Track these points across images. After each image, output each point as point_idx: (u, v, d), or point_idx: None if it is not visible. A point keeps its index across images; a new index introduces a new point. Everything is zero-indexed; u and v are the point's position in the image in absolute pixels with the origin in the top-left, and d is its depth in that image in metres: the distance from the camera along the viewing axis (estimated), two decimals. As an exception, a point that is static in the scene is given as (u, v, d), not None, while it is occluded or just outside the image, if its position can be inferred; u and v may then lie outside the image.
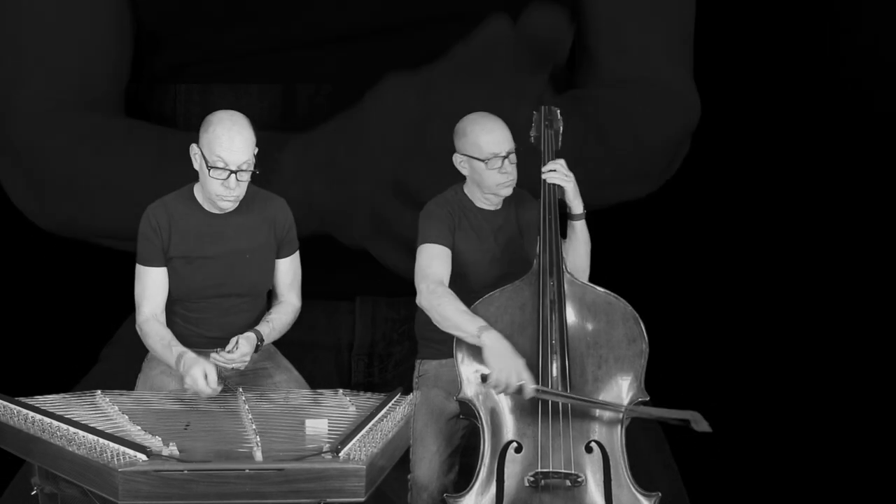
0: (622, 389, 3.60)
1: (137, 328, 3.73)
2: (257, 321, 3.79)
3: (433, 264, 3.73)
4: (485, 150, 3.75)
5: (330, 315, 4.96)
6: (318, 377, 3.76)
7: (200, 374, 3.51)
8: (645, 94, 4.91)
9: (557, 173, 3.71)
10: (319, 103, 4.86)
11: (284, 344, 3.88)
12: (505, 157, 3.75)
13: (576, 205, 3.74)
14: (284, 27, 4.82)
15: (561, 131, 3.85)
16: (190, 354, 3.57)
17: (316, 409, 3.44)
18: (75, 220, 4.80)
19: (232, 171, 3.62)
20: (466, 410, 3.63)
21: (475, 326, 3.57)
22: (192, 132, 3.74)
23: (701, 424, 3.53)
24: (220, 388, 3.54)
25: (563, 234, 3.79)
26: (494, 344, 3.54)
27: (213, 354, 3.61)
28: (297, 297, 3.88)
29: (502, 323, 3.63)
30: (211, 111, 3.71)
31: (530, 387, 3.52)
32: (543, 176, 3.73)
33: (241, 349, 3.62)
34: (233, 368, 3.64)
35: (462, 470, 3.76)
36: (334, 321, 4.97)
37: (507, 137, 3.78)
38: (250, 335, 3.67)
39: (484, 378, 3.55)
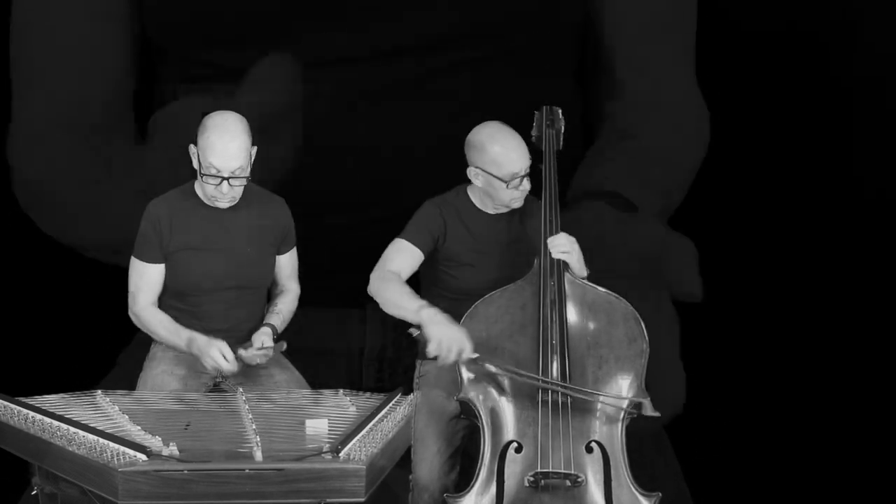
0: (622, 389, 3.59)
1: (132, 315, 3.77)
2: (258, 314, 3.83)
3: (396, 258, 3.74)
4: (506, 169, 3.71)
5: (341, 322, 5.00)
6: (330, 383, 3.77)
7: (218, 354, 3.63)
8: (668, 125, 4.96)
9: (562, 248, 3.65)
10: (319, 103, 4.90)
11: (297, 351, 3.90)
12: (523, 177, 3.73)
13: (580, 271, 3.71)
14: (291, 45, 4.85)
15: (562, 131, 3.84)
16: (201, 336, 3.66)
17: (316, 409, 3.45)
18: (65, 233, 4.93)
19: (224, 178, 3.64)
20: (467, 410, 3.62)
21: (416, 304, 3.59)
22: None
23: (648, 409, 3.52)
24: (239, 366, 3.66)
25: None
26: (433, 316, 3.56)
27: (241, 351, 3.68)
28: (297, 284, 3.96)
29: (503, 323, 3.63)
30: (211, 111, 3.73)
31: (469, 355, 3.53)
32: (549, 248, 3.66)
33: (267, 344, 3.72)
34: (264, 360, 3.74)
35: (462, 471, 3.76)
36: (345, 328, 5.01)
37: (527, 154, 3.74)
38: (266, 330, 3.76)
39: (417, 338, 3.57)
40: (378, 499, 3.12)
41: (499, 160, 3.71)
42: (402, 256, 3.75)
